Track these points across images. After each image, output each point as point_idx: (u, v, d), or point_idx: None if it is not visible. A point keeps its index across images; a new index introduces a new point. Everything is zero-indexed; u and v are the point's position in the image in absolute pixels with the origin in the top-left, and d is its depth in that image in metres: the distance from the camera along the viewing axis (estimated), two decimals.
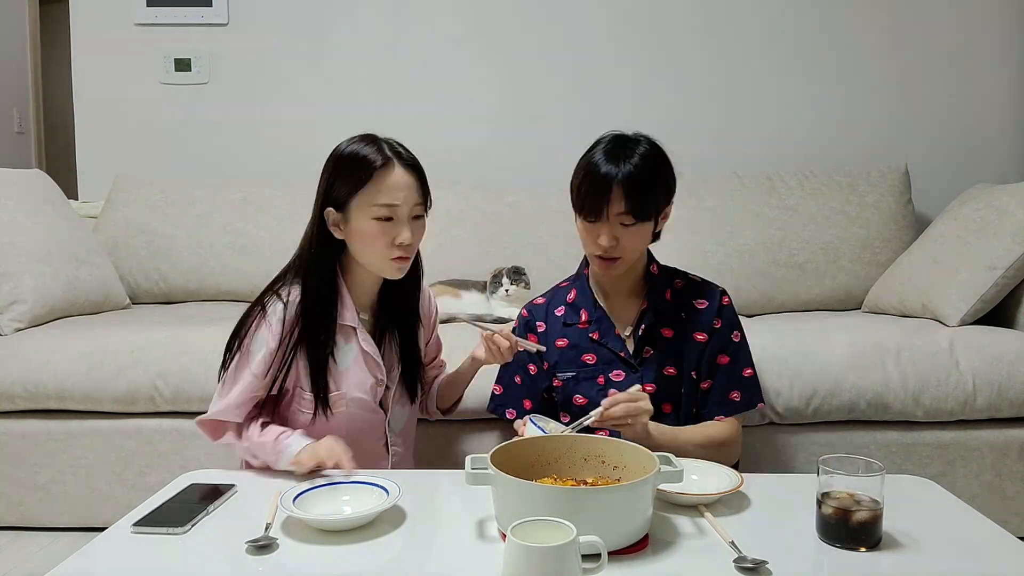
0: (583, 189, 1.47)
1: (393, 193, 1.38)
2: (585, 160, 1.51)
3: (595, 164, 1.47)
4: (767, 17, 2.86)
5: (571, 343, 1.58)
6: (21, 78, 4.46)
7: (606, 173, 1.45)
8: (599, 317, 1.58)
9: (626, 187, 1.43)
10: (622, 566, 0.98)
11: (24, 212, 2.30)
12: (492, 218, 2.68)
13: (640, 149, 1.48)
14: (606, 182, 1.44)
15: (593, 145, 1.53)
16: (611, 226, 1.46)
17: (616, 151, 1.47)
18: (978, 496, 1.90)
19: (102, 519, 1.97)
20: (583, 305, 1.60)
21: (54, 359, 2.00)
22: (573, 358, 1.57)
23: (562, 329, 1.60)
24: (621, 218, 1.46)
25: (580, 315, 1.59)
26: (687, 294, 1.59)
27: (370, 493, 1.17)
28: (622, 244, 1.48)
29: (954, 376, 1.88)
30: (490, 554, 1.03)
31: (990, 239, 2.11)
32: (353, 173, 1.39)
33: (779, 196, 2.61)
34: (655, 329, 1.56)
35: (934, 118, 2.85)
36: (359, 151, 1.40)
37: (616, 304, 1.60)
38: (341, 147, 1.44)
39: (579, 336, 1.58)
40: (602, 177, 1.45)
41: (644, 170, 1.45)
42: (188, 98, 2.98)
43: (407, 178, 1.40)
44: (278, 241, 2.60)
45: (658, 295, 1.58)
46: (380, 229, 1.38)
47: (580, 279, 1.64)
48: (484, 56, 2.92)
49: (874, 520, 1.03)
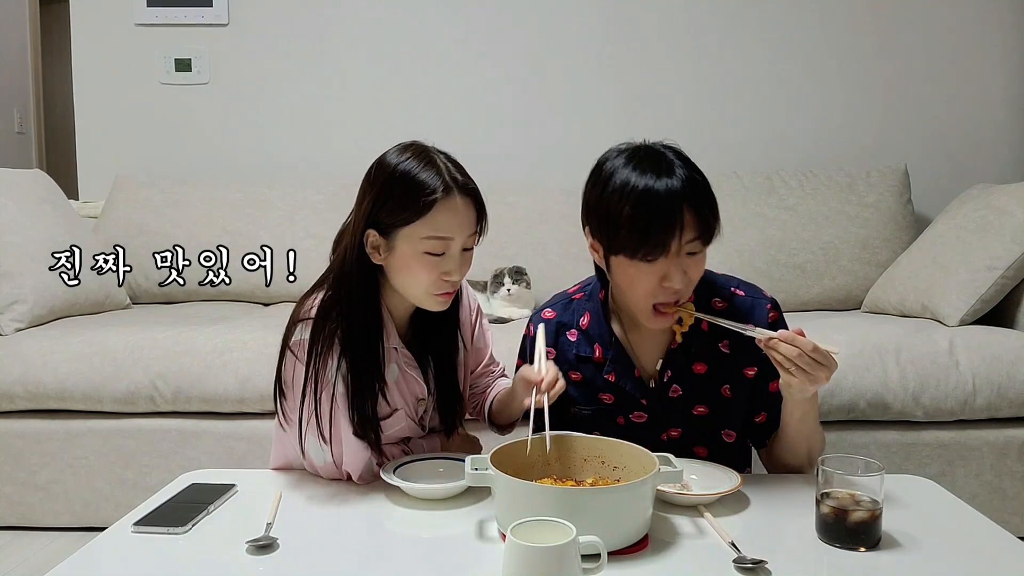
0: (641, 221, 1.15)
1: (450, 227, 1.21)
2: (621, 184, 1.18)
3: (647, 186, 1.15)
4: (767, 17, 2.86)
5: (585, 378, 1.36)
6: (22, 78, 4.46)
7: (669, 192, 1.14)
8: (616, 355, 1.32)
9: (698, 205, 1.16)
10: (622, 566, 0.98)
11: (24, 212, 2.30)
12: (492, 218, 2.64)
13: (676, 156, 1.21)
14: (674, 203, 1.14)
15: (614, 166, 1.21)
16: (680, 260, 1.17)
17: (655, 164, 1.18)
18: (978, 496, 1.90)
19: (102, 519, 1.98)
20: (598, 338, 1.34)
21: (54, 359, 2.00)
22: (589, 395, 1.36)
23: (574, 362, 1.36)
24: (690, 246, 1.17)
25: (595, 350, 1.35)
26: (729, 317, 1.26)
27: (458, 465, 1.23)
28: (689, 280, 1.20)
29: (954, 376, 1.88)
30: (490, 554, 1.03)
31: (990, 239, 2.11)
32: (407, 199, 1.20)
33: (779, 196, 2.61)
34: (686, 366, 1.31)
35: (934, 118, 2.85)
36: (416, 174, 1.20)
37: (639, 338, 1.33)
38: (391, 161, 1.23)
39: (593, 373, 1.35)
40: (665, 199, 1.14)
41: (701, 179, 1.19)
42: (188, 98, 2.98)
43: (466, 209, 1.23)
44: (278, 241, 2.60)
45: (693, 329, 1.29)
46: (429, 263, 1.21)
47: (593, 301, 1.36)
48: (484, 56, 2.92)
49: (873, 520, 1.03)
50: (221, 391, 1.97)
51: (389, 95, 2.93)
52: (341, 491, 1.24)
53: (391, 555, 1.05)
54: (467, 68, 2.93)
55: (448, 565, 1.03)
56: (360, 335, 1.24)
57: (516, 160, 2.92)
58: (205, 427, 2.01)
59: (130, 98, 2.99)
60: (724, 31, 2.87)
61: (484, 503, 1.18)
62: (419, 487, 1.20)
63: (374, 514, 1.17)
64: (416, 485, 1.20)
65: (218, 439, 2.00)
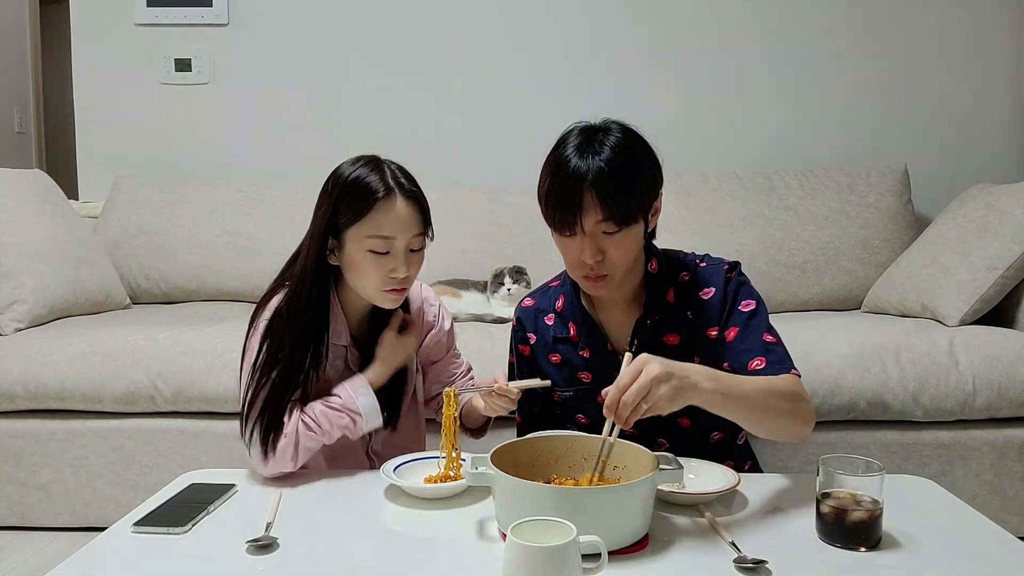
0: (551, 198, 1.24)
1: (391, 226, 1.30)
2: (551, 163, 1.26)
3: (560, 165, 1.24)
4: (767, 17, 2.86)
5: (564, 359, 1.42)
6: (22, 78, 4.46)
7: (574, 175, 1.21)
8: (588, 332, 1.39)
9: (600, 189, 1.20)
10: (622, 566, 0.98)
11: (24, 212, 2.30)
12: (492, 218, 2.68)
13: (610, 140, 1.24)
14: (576, 186, 1.21)
15: (558, 142, 1.28)
16: (592, 238, 1.24)
17: (582, 147, 1.23)
18: (978, 496, 1.90)
19: (102, 519, 1.98)
20: (572, 318, 1.41)
21: (54, 359, 2.00)
22: (568, 376, 1.42)
23: (552, 345, 1.43)
24: (602, 226, 1.23)
25: (570, 329, 1.41)
26: (693, 287, 1.35)
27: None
28: (609, 258, 1.25)
29: (954, 376, 1.88)
30: (490, 554, 1.03)
31: (990, 239, 2.11)
32: (353, 202, 1.30)
33: (779, 196, 2.61)
34: (656, 338, 1.34)
35: (934, 118, 2.85)
36: (361, 178, 1.31)
37: (611, 316, 1.39)
38: (343, 170, 1.34)
39: (571, 352, 1.41)
40: (570, 181, 1.22)
41: (617, 165, 1.21)
42: (188, 98, 2.98)
43: (407, 210, 1.32)
44: (278, 241, 2.61)
45: (657, 300, 1.35)
46: (375, 262, 1.31)
47: (566, 284, 1.43)
48: (484, 57, 2.92)
49: (874, 520, 1.03)
50: (221, 391, 1.97)
51: (388, 95, 2.93)
52: (341, 491, 1.25)
53: (391, 555, 1.05)
54: (466, 68, 2.93)
55: (448, 565, 1.03)
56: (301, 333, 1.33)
57: (516, 160, 2.90)
58: (205, 427, 2.01)
59: (130, 98, 2.99)
60: (724, 31, 2.87)
61: (484, 503, 1.18)
62: (419, 487, 1.20)
63: (374, 514, 1.17)
64: (416, 485, 1.20)
65: (218, 439, 2.00)
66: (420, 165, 1.45)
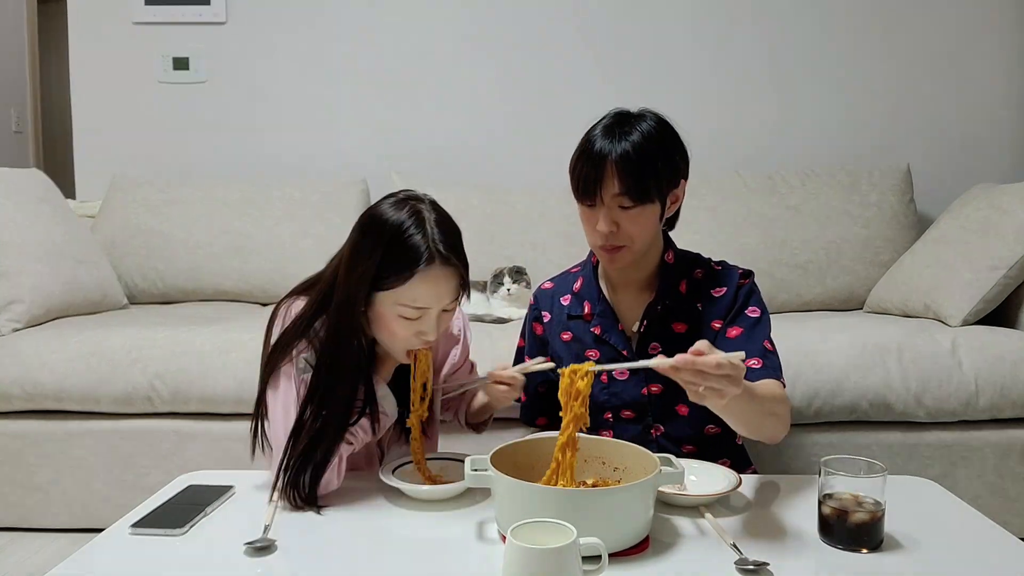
0: (577, 169, 1.37)
1: (426, 298, 1.21)
2: (584, 139, 1.39)
3: (590, 142, 1.36)
4: (768, 16, 2.85)
5: (575, 336, 1.50)
6: (19, 77, 4.46)
7: (600, 150, 1.33)
8: (603, 311, 1.47)
9: (621, 166, 1.32)
10: (623, 568, 0.97)
11: (22, 212, 2.29)
12: (492, 218, 2.67)
13: (642, 125, 1.36)
14: (600, 161, 1.33)
15: (594, 124, 1.40)
16: (609, 210, 1.34)
17: (614, 128, 1.36)
18: (980, 497, 1.89)
19: (100, 520, 1.96)
20: (587, 297, 1.50)
21: (52, 359, 1.99)
22: (577, 353, 1.48)
23: (566, 322, 1.52)
24: (619, 200, 1.33)
25: (584, 307, 1.50)
26: (706, 284, 1.45)
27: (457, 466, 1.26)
28: (623, 230, 1.35)
29: (956, 376, 1.87)
30: (490, 556, 1.02)
31: (992, 239, 2.10)
32: (391, 263, 1.20)
33: (781, 196, 2.60)
34: (665, 324, 1.43)
35: (936, 118, 2.84)
36: (407, 237, 1.19)
37: (625, 298, 1.48)
38: (385, 216, 1.22)
39: (583, 330, 1.49)
40: (596, 155, 1.33)
41: (643, 147, 1.33)
42: (186, 97, 2.97)
43: (446, 280, 1.22)
44: (276, 241, 2.60)
45: (670, 287, 1.44)
46: (406, 325, 1.23)
47: (587, 267, 1.54)
48: (484, 56, 2.92)
49: (876, 521, 1.03)
50: (219, 392, 1.96)
51: (388, 94, 2.92)
52: (340, 492, 1.24)
53: (390, 557, 1.05)
54: (467, 68, 2.92)
55: (448, 567, 1.02)
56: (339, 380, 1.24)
57: (516, 160, 2.91)
58: (203, 428, 2.00)
59: (128, 97, 2.98)
60: (725, 31, 2.87)
61: (484, 504, 1.17)
62: (419, 488, 1.20)
63: (373, 515, 1.16)
64: (416, 486, 1.20)
65: (216, 440, 1.99)
66: (420, 165, 1.45)
